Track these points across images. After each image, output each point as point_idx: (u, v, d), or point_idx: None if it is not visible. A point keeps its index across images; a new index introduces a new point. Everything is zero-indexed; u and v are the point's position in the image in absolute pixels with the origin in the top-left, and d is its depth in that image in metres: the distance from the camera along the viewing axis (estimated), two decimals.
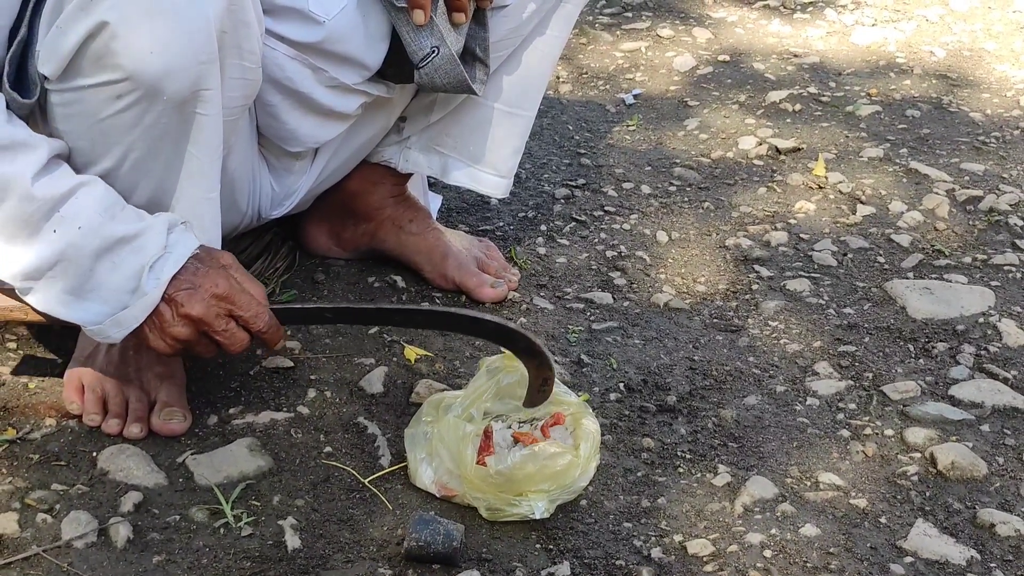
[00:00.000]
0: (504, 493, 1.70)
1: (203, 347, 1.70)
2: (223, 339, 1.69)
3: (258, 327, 1.71)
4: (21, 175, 1.59)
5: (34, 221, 1.60)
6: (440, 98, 2.16)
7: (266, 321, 1.71)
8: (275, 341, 1.75)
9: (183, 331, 1.67)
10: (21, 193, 1.59)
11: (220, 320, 1.68)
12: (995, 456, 1.91)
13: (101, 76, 1.60)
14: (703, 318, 2.22)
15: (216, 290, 1.67)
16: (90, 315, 1.65)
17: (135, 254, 1.64)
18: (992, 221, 2.57)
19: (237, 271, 1.72)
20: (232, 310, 1.68)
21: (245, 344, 1.71)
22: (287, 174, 2.10)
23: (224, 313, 1.68)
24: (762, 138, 2.87)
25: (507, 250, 2.37)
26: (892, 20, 3.58)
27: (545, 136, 2.87)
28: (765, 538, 1.72)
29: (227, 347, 1.70)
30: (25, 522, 1.67)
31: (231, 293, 1.68)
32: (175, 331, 1.67)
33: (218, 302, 1.67)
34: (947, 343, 2.18)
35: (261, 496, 1.75)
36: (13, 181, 1.59)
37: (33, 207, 1.59)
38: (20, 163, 1.59)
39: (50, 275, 1.63)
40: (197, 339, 1.69)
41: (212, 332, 1.68)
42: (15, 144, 1.60)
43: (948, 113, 3.05)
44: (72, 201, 1.61)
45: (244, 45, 1.69)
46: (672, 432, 1.93)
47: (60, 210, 1.60)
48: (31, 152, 1.61)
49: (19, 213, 1.60)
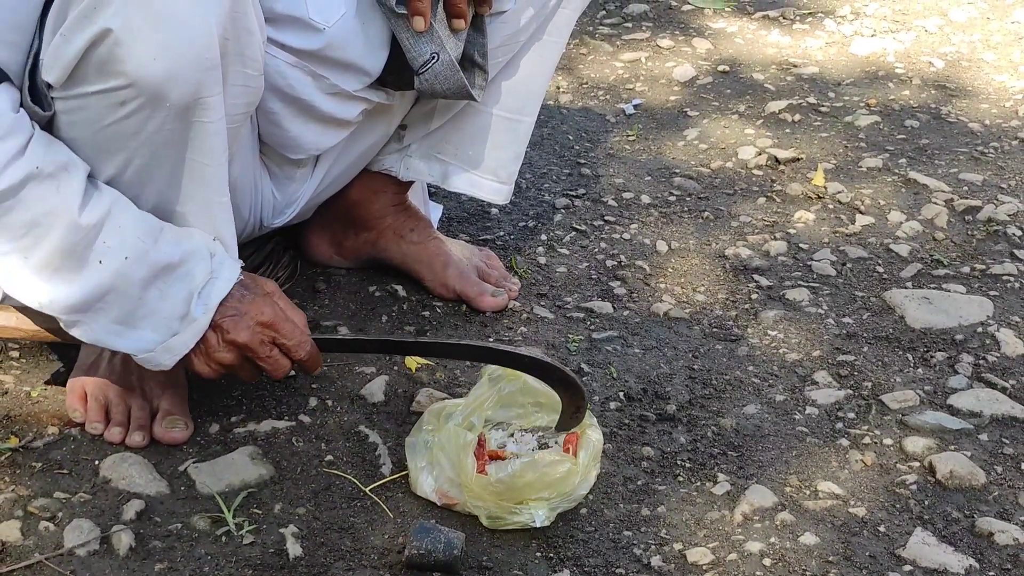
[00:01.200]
0: (504, 501, 1.70)
1: (246, 372, 1.74)
2: (267, 365, 1.73)
3: (300, 356, 1.75)
4: (69, 205, 1.60)
5: (80, 251, 1.62)
6: (440, 105, 2.17)
7: (307, 350, 1.75)
8: (314, 368, 1.79)
9: (228, 356, 1.70)
10: (68, 223, 1.60)
11: (264, 347, 1.72)
12: (993, 465, 1.92)
13: (104, 83, 1.60)
14: (703, 327, 2.23)
15: (261, 317, 1.71)
16: (142, 343, 1.68)
17: (182, 281, 1.67)
18: (991, 231, 2.58)
19: (281, 298, 1.76)
20: (276, 337, 1.72)
21: (287, 371, 1.75)
22: (289, 182, 2.10)
23: (268, 340, 1.72)
24: (761, 148, 2.88)
25: (507, 259, 2.38)
26: (891, 31, 3.59)
27: (545, 146, 2.87)
28: (764, 547, 1.73)
29: (270, 372, 1.74)
30: (28, 530, 1.68)
31: (276, 321, 1.72)
32: (220, 356, 1.70)
33: (263, 329, 1.71)
34: (946, 352, 2.18)
35: (263, 504, 1.75)
36: (60, 212, 1.60)
37: (79, 236, 1.61)
38: (65, 192, 1.61)
39: (99, 307, 1.65)
40: (241, 364, 1.72)
41: (256, 358, 1.72)
42: (57, 170, 1.61)
43: (947, 123, 3.06)
44: (111, 223, 1.63)
45: (246, 52, 1.70)
46: (672, 441, 1.94)
47: (101, 235, 1.62)
48: (73, 177, 1.62)
49: (65, 244, 1.61)
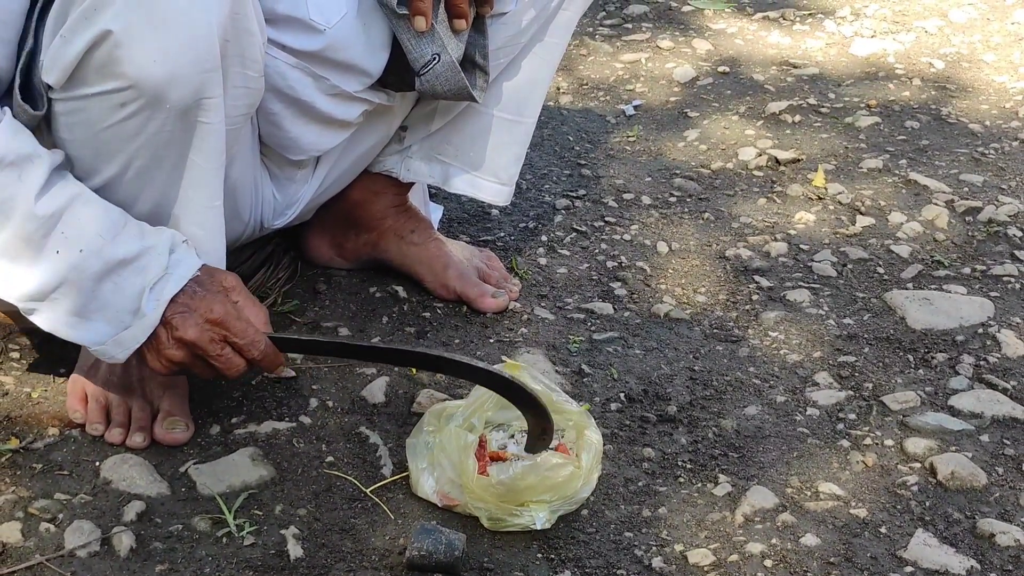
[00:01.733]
0: (505, 503, 1.70)
1: (200, 370, 1.72)
2: (218, 363, 1.70)
3: (252, 355, 1.72)
4: (26, 194, 1.60)
5: (36, 240, 1.61)
6: (441, 106, 2.17)
7: (261, 349, 1.72)
8: (272, 368, 1.76)
9: (177, 354, 1.68)
10: (25, 212, 1.60)
11: (214, 345, 1.69)
12: (995, 466, 1.92)
13: (105, 84, 1.61)
14: (703, 328, 2.23)
15: (211, 315, 1.68)
16: (94, 335, 1.67)
17: (137, 275, 1.66)
18: (991, 232, 2.58)
19: (239, 294, 1.73)
20: (227, 336, 1.69)
21: (241, 370, 1.72)
22: (289, 183, 2.10)
23: (219, 338, 1.69)
24: (762, 149, 2.88)
25: (508, 260, 2.38)
26: (891, 31, 3.59)
27: (545, 147, 2.87)
28: (765, 548, 1.73)
29: (222, 372, 1.71)
30: (28, 531, 1.68)
31: (226, 319, 1.69)
32: (170, 353, 1.68)
33: (212, 327, 1.68)
34: (946, 353, 2.18)
35: (263, 505, 1.75)
36: (18, 199, 1.60)
37: (35, 225, 1.61)
38: (26, 181, 1.60)
39: (54, 296, 1.65)
40: (193, 362, 1.70)
41: (207, 356, 1.69)
42: (20, 159, 1.61)
43: (947, 124, 3.06)
44: (69, 215, 1.63)
45: (247, 53, 1.70)
46: (673, 442, 1.93)
47: (59, 226, 1.62)
48: (36, 167, 1.62)
49: (22, 232, 1.61)
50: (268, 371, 1.78)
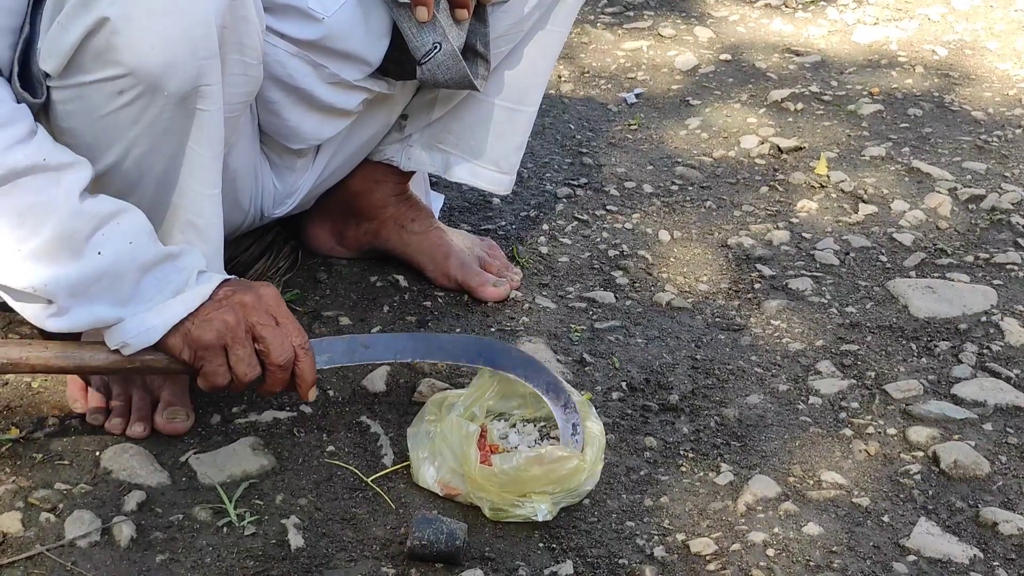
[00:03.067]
0: (508, 493, 1.70)
1: (246, 351, 1.68)
2: (270, 335, 1.68)
3: (299, 341, 1.70)
4: (69, 193, 1.60)
5: (80, 239, 1.61)
6: (441, 95, 2.16)
7: (307, 340, 1.71)
8: (310, 372, 1.73)
9: (231, 315, 1.66)
10: (69, 210, 1.60)
11: (268, 315, 1.68)
12: (998, 455, 1.91)
13: (102, 72, 1.60)
14: (705, 317, 2.22)
15: (269, 290, 1.70)
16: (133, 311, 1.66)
17: (180, 271, 1.67)
18: (994, 220, 2.57)
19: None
20: (278, 315, 1.69)
21: (289, 353, 1.70)
22: (289, 172, 2.10)
23: (271, 312, 1.69)
24: (764, 137, 2.87)
25: (509, 249, 2.37)
26: (894, 19, 3.58)
27: (547, 135, 2.87)
28: (768, 537, 1.72)
29: (273, 347, 1.68)
30: (28, 521, 1.67)
31: (280, 297, 1.71)
32: (223, 315, 1.66)
33: (269, 299, 1.69)
34: (949, 342, 2.18)
35: (264, 495, 1.75)
36: (61, 199, 1.60)
37: (80, 223, 1.60)
38: (66, 182, 1.60)
39: (93, 291, 1.63)
40: (244, 334, 1.67)
41: (259, 326, 1.67)
42: (62, 165, 1.61)
43: (950, 112, 3.05)
44: (114, 222, 1.63)
45: (245, 41, 1.69)
46: (674, 431, 1.93)
47: (104, 230, 1.62)
48: (77, 171, 1.62)
49: (65, 231, 1.60)
50: (305, 381, 1.73)
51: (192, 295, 1.66)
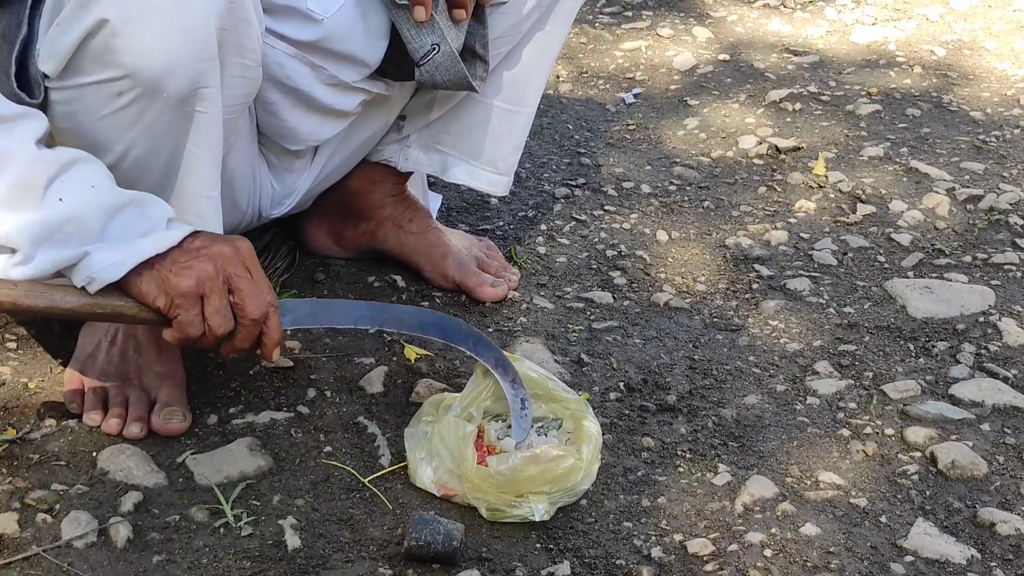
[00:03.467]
0: (505, 493, 1.70)
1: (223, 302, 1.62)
2: (246, 288, 1.63)
3: (270, 297, 1.65)
4: (23, 141, 1.57)
5: (39, 185, 1.56)
6: (439, 96, 2.16)
7: (275, 297, 1.66)
8: (276, 331, 1.67)
9: (208, 264, 1.61)
10: (27, 157, 1.56)
11: (243, 268, 1.63)
12: (995, 455, 1.91)
13: (101, 73, 1.60)
14: (703, 317, 2.22)
15: (243, 243, 1.65)
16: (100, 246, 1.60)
17: (147, 219, 1.61)
18: (992, 220, 2.57)
19: None
20: (252, 268, 1.64)
21: (264, 308, 1.64)
22: (287, 173, 2.10)
23: (246, 264, 1.64)
24: (762, 137, 2.87)
25: (507, 249, 2.37)
26: (892, 19, 3.58)
27: (545, 135, 2.87)
28: (765, 537, 1.72)
29: (248, 300, 1.63)
30: (25, 522, 1.67)
31: (252, 250, 1.65)
32: (199, 263, 1.60)
33: (245, 252, 1.64)
34: (947, 342, 2.18)
35: (261, 496, 1.74)
36: (16, 148, 1.56)
37: (38, 169, 1.56)
38: (20, 131, 1.57)
39: (58, 238, 1.57)
40: (220, 285, 1.62)
41: (235, 277, 1.62)
42: (16, 115, 1.58)
43: (948, 112, 3.05)
44: (75, 169, 1.59)
45: (244, 43, 1.69)
46: (672, 431, 1.93)
47: (63, 176, 1.57)
48: (31, 121, 1.59)
49: (23, 178, 1.56)
50: (272, 339, 1.67)
51: (162, 237, 1.60)
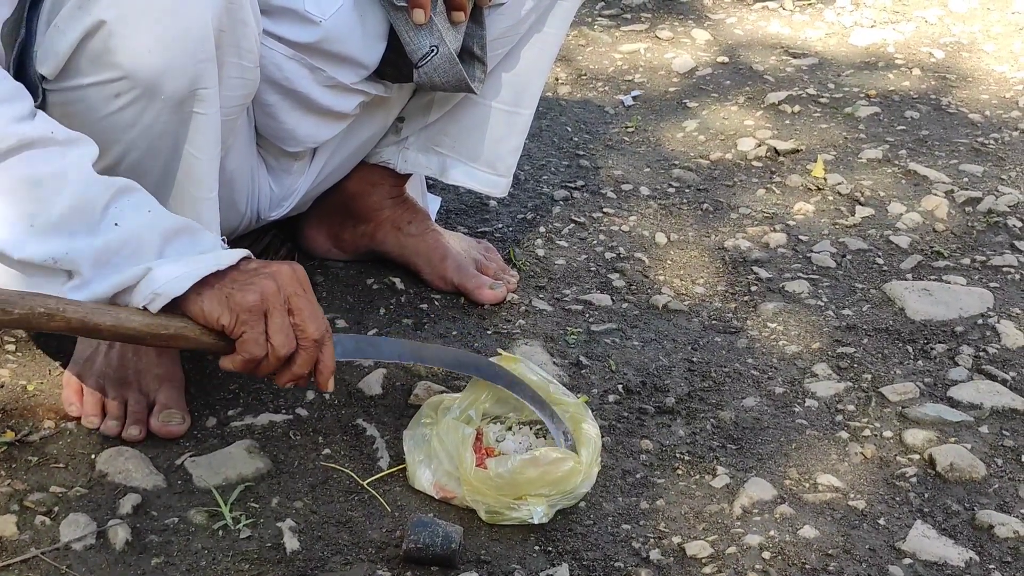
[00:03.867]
0: (504, 496, 1.70)
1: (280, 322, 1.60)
2: (306, 308, 1.61)
3: (325, 324, 1.64)
4: (80, 164, 1.55)
5: (97, 208, 1.55)
6: (438, 97, 2.16)
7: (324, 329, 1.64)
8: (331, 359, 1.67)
9: (269, 282, 1.59)
10: (83, 180, 1.54)
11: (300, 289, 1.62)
12: (994, 457, 1.91)
13: (99, 75, 1.60)
14: (702, 320, 2.22)
15: (296, 266, 1.64)
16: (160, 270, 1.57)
17: (202, 242, 1.61)
18: (991, 222, 2.57)
19: None
20: (308, 292, 1.63)
21: (322, 332, 1.63)
22: (286, 175, 2.10)
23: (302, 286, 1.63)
24: (761, 139, 2.87)
25: (506, 252, 2.37)
26: (891, 21, 3.58)
27: (544, 138, 2.87)
28: (764, 540, 1.72)
29: (306, 321, 1.61)
30: (24, 524, 1.67)
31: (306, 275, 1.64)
32: (260, 279, 1.59)
33: (302, 274, 1.63)
34: (946, 344, 2.18)
35: (260, 498, 1.74)
36: (73, 170, 1.54)
37: (95, 192, 1.55)
38: (75, 155, 1.56)
39: (117, 260, 1.56)
40: (278, 306, 1.60)
41: (294, 297, 1.61)
42: (70, 140, 1.57)
43: (947, 114, 3.05)
44: (131, 193, 1.58)
45: (242, 44, 1.69)
46: (671, 434, 1.93)
47: (120, 200, 1.56)
48: (84, 145, 1.58)
49: (81, 200, 1.54)
50: (327, 366, 1.66)
51: (222, 255, 1.59)
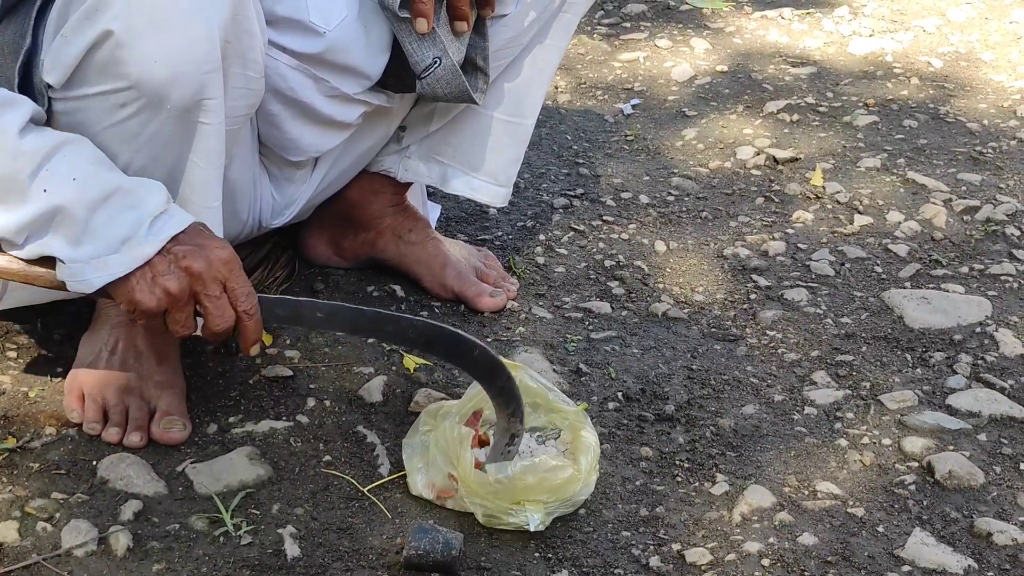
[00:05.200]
0: (501, 500, 1.70)
1: (185, 315, 1.63)
2: (211, 307, 1.62)
3: (245, 306, 1.64)
4: (6, 133, 1.57)
5: (23, 178, 1.57)
6: (440, 107, 2.17)
7: (254, 304, 1.65)
8: (255, 333, 1.67)
9: (175, 284, 1.59)
10: (8, 151, 1.56)
11: (215, 284, 1.61)
12: (992, 465, 1.92)
13: (106, 84, 1.61)
14: (701, 327, 2.23)
15: (221, 253, 1.62)
16: (78, 255, 1.60)
17: (133, 208, 1.61)
18: (989, 231, 2.58)
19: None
20: (228, 279, 1.62)
21: (229, 323, 1.64)
22: (288, 183, 2.10)
23: (220, 279, 1.62)
24: (760, 148, 2.87)
25: (506, 259, 2.38)
26: (889, 30, 3.59)
27: (543, 146, 2.87)
28: (763, 547, 1.73)
29: (211, 318, 1.63)
30: (25, 531, 1.68)
31: (232, 261, 1.63)
32: (167, 281, 1.59)
33: (220, 265, 1.62)
34: (944, 352, 2.18)
35: (260, 505, 1.75)
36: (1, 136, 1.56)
37: (21, 162, 1.57)
38: (4, 122, 1.57)
39: (45, 229, 1.59)
40: (186, 300, 1.61)
41: (203, 295, 1.61)
42: (3, 103, 1.58)
43: (945, 123, 3.06)
44: (59, 155, 1.59)
45: (247, 55, 1.70)
46: (670, 441, 1.94)
47: (48, 165, 1.58)
48: (15, 109, 1.59)
49: (7, 171, 1.57)
50: (248, 340, 1.67)
51: (134, 255, 1.59)
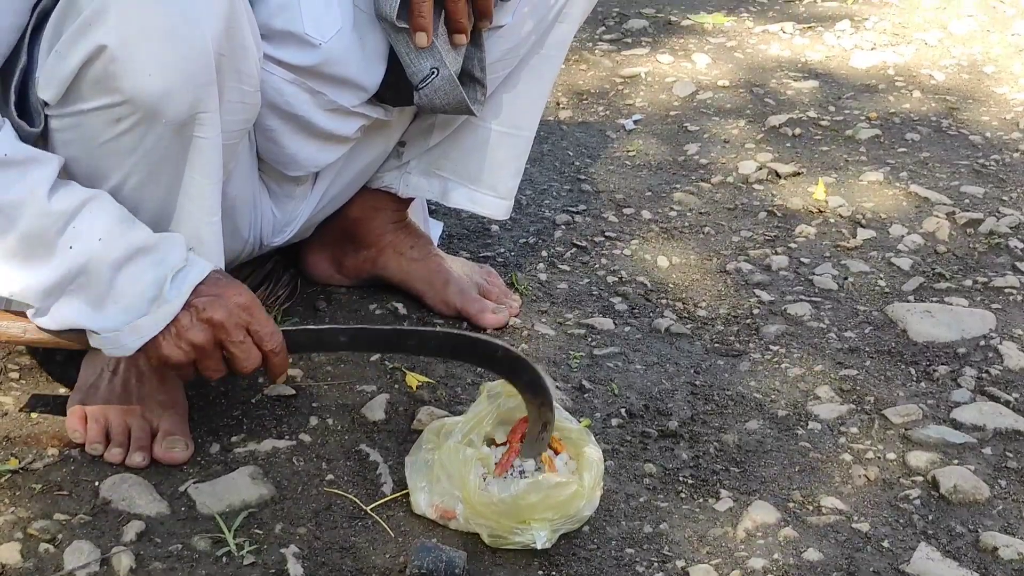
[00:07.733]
0: (506, 520, 1.69)
1: (214, 361, 1.70)
2: (237, 352, 1.69)
3: (270, 346, 1.70)
4: (35, 191, 1.60)
5: (50, 237, 1.61)
6: (439, 121, 2.17)
7: (279, 341, 1.72)
8: (281, 367, 1.74)
9: (200, 336, 1.66)
10: (37, 209, 1.60)
11: (238, 331, 1.68)
12: (997, 479, 1.91)
13: (100, 99, 1.61)
14: (704, 343, 2.22)
15: (239, 299, 1.68)
16: (108, 323, 1.65)
17: (156, 266, 1.65)
18: (992, 244, 2.58)
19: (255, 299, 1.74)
20: (250, 323, 1.68)
21: (256, 362, 1.71)
22: (288, 200, 2.10)
23: (243, 324, 1.68)
24: (762, 162, 2.87)
25: (508, 276, 2.37)
26: (891, 44, 3.59)
27: (545, 162, 2.87)
28: (768, 563, 1.72)
29: (239, 362, 1.70)
30: (28, 552, 1.67)
31: (252, 305, 1.69)
32: (193, 335, 1.66)
33: (240, 311, 1.67)
34: (948, 366, 2.18)
35: (263, 524, 1.74)
36: (29, 197, 1.59)
37: (48, 222, 1.60)
38: (32, 179, 1.60)
39: (70, 289, 1.63)
40: (212, 349, 1.68)
41: (228, 342, 1.68)
42: (28, 160, 1.61)
43: (948, 136, 3.06)
44: (85, 212, 1.62)
45: (242, 68, 1.70)
46: (674, 457, 1.93)
47: (74, 223, 1.61)
48: (43, 167, 1.62)
49: (35, 230, 1.60)
50: (275, 370, 1.75)
51: (163, 313, 1.65)
